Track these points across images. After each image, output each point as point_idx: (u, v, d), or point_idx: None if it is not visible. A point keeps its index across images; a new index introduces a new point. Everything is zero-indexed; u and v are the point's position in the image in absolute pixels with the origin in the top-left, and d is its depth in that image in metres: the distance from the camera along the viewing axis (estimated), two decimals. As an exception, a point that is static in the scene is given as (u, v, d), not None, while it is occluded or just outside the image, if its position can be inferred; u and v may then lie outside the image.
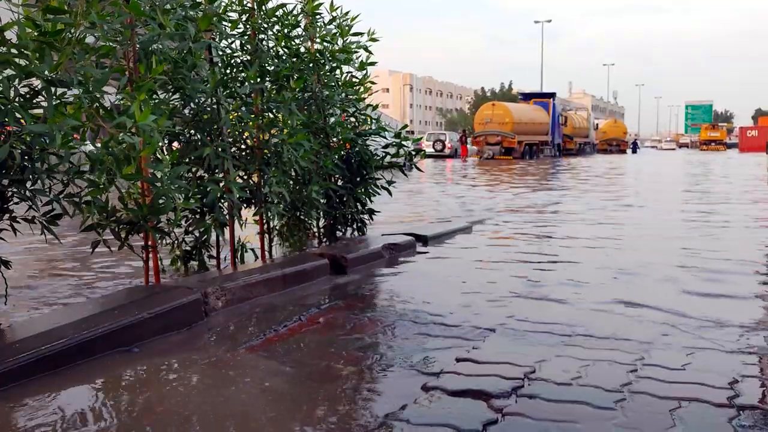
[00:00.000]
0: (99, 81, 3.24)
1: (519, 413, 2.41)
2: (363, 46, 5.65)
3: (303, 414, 2.41)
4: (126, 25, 3.66)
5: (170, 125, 3.90)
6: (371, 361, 2.99)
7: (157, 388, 2.69)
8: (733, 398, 2.54)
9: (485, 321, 3.61)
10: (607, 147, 54.96)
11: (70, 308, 3.69)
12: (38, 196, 3.28)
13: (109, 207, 3.69)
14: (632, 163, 32.24)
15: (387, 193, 5.97)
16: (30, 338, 2.92)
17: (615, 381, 2.71)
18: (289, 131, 4.85)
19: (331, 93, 5.58)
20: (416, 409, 2.45)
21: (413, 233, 6.31)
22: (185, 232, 4.46)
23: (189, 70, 4.06)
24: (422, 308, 3.89)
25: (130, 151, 3.45)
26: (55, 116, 2.99)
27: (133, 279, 4.59)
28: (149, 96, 3.66)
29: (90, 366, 2.87)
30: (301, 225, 5.57)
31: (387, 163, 6.18)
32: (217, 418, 2.37)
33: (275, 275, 4.37)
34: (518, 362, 2.94)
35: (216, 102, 4.33)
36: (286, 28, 5.13)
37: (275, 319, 3.69)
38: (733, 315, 3.68)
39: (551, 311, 3.82)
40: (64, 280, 4.68)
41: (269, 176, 4.75)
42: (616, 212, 9.15)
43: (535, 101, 41.51)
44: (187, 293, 3.66)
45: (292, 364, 2.96)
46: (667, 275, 4.79)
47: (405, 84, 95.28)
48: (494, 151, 35.25)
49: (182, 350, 3.15)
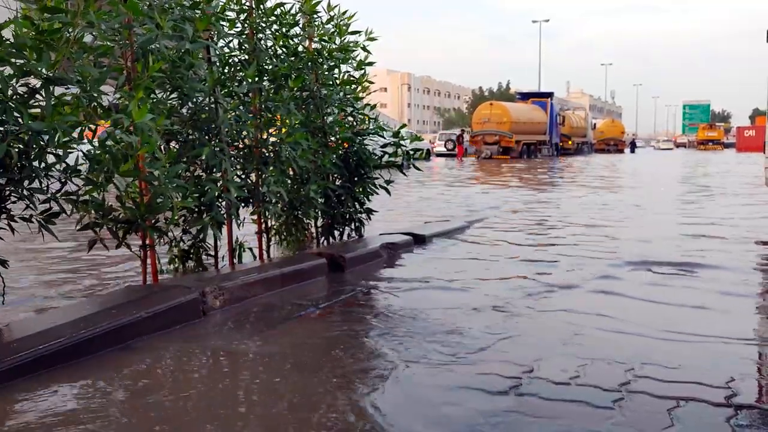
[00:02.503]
0: (97, 80, 3.24)
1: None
2: (361, 46, 5.65)
3: (299, 412, 2.41)
4: (124, 25, 3.66)
5: (168, 124, 3.89)
6: (370, 359, 2.99)
7: (155, 386, 2.69)
8: (730, 397, 2.54)
9: (485, 321, 3.61)
10: (604, 147, 55.00)
11: (68, 307, 3.69)
12: (36, 195, 3.27)
13: (106, 206, 3.68)
14: (630, 164, 32.24)
15: (385, 193, 5.97)
16: (28, 337, 2.92)
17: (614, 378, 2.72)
18: (288, 130, 4.85)
19: (329, 92, 5.57)
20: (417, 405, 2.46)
21: (411, 233, 6.31)
22: (183, 231, 4.46)
23: (187, 69, 4.05)
24: (420, 306, 3.89)
25: (127, 149, 3.45)
26: (54, 115, 2.99)
27: (131, 278, 4.58)
28: (147, 95, 3.66)
29: (87, 364, 2.87)
30: (299, 224, 5.56)
31: (385, 162, 6.17)
32: (214, 415, 2.37)
33: (273, 274, 4.37)
34: (515, 361, 2.95)
35: (214, 101, 4.32)
36: (284, 27, 5.13)
37: (273, 318, 3.69)
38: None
39: (548, 309, 3.83)
40: (61, 279, 4.67)
41: (267, 175, 4.75)
42: (612, 211, 9.16)
43: (533, 101, 41.50)
44: (185, 292, 3.66)
45: (290, 362, 2.96)
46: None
47: (403, 83, 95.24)
48: (492, 151, 35.24)
49: (180, 349, 3.14)
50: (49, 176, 3.28)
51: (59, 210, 3.44)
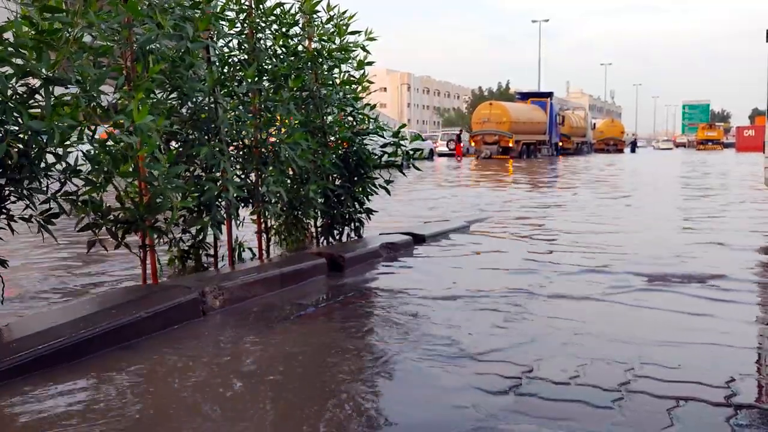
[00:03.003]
0: (96, 80, 3.24)
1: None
2: (361, 45, 5.65)
3: (300, 411, 2.41)
4: (124, 25, 3.66)
5: (168, 124, 3.89)
6: (370, 359, 2.99)
7: (154, 386, 2.69)
8: (730, 397, 2.54)
9: (485, 321, 3.61)
10: (604, 146, 55.08)
11: (68, 307, 3.68)
12: (35, 195, 3.27)
13: (105, 206, 3.68)
14: (630, 164, 32.25)
15: (385, 192, 5.97)
16: (27, 337, 2.92)
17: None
18: (287, 130, 4.85)
19: (329, 92, 5.57)
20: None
21: (411, 232, 6.31)
22: (183, 231, 4.46)
23: (187, 69, 4.05)
24: (419, 306, 3.89)
25: (127, 150, 3.45)
26: (53, 115, 2.99)
27: (131, 278, 4.58)
28: (147, 95, 3.66)
29: (87, 364, 2.86)
30: (299, 224, 5.57)
31: (385, 162, 6.18)
32: (214, 415, 2.37)
33: (273, 274, 4.37)
34: (514, 361, 2.95)
35: (214, 101, 4.32)
36: (283, 27, 5.13)
37: (273, 318, 3.69)
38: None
39: (550, 310, 3.83)
40: (61, 278, 4.67)
41: (267, 175, 4.75)
42: (612, 209, 9.16)
43: (532, 101, 41.53)
44: (185, 292, 3.66)
45: (290, 361, 2.96)
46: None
47: (403, 83, 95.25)
48: (492, 151, 35.27)
49: (179, 349, 3.14)
50: (48, 176, 3.28)
51: (59, 210, 3.44)
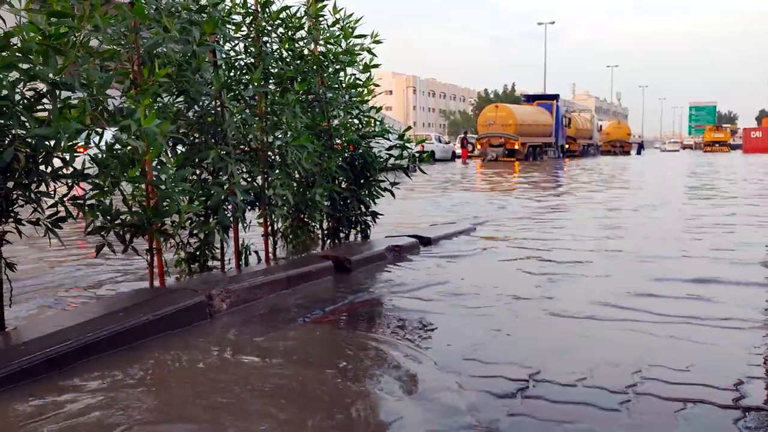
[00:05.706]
0: (103, 84, 3.25)
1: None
2: (366, 48, 5.66)
3: (306, 413, 2.41)
4: (130, 29, 3.67)
5: (174, 128, 3.91)
6: (376, 361, 2.99)
7: (161, 387, 2.70)
8: (738, 399, 2.53)
9: (491, 322, 3.61)
10: (610, 148, 54.95)
11: (75, 311, 3.70)
12: (43, 199, 3.29)
13: (113, 210, 3.69)
14: (637, 166, 32.16)
15: (390, 195, 5.98)
16: (35, 340, 2.93)
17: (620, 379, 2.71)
18: (293, 133, 4.86)
19: (334, 95, 5.59)
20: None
21: (417, 235, 6.31)
22: (189, 234, 4.47)
23: (193, 72, 4.07)
24: (425, 308, 3.88)
25: (134, 154, 3.46)
26: (60, 119, 3.00)
27: (138, 281, 4.59)
28: (153, 99, 3.67)
29: (94, 366, 2.88)
30: (305, 227, 5.58)
31: (391, 165, 6.18)
32: (220, 416, 2.38)
33: (279, 277, 4.38)
34: (522, 363, 2.94)
35: (220, 105, 4.34)
36: (289, 31, 5.14)
37: (279, 320, 3.70)
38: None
39: (555, 311, 3.82)
40: (68, 282, 4.69)
41: (273, 178, 4.76)
42: (618, 213, 9.14)
43: (538, 103, 41.48)
44: (192, 295, 3.67)
45: (297, 364, 2.97)
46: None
47: (408, 86, 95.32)
48: (497, 153, 35.23)
49: (187, 351, 3.15)
50: (56, 180, 3.29)
51: (66, 214, 3.45)
